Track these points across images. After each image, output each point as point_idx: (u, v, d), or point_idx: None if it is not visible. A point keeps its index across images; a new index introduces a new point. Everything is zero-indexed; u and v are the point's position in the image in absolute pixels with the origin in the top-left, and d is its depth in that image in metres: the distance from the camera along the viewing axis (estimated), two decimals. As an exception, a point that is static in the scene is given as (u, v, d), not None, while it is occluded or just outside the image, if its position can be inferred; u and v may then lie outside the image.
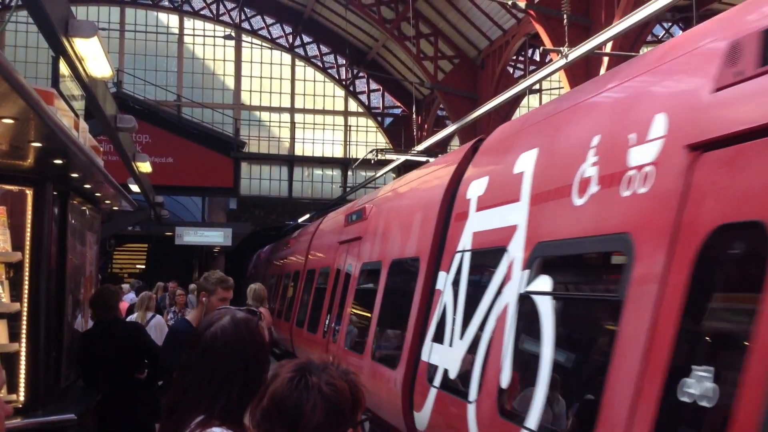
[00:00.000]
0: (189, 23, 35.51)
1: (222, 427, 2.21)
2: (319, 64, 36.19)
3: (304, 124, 35.69)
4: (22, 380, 5.89)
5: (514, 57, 25.74)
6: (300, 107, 35.81)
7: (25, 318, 5.95)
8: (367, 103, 36.45)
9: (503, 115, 22.82)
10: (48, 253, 6.18)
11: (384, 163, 20.78)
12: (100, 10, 34.10)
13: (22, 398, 5.88)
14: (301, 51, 36.05)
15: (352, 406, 1.84)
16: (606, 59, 16.23)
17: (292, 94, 35.84)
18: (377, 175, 21.37)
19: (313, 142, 35.58)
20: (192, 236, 25.71)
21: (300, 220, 26.51)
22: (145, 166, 13.60)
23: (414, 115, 29.43)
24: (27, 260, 6.01)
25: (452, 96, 26.82)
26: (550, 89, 27.42)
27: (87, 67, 6.71)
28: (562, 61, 10.52)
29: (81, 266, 7.63)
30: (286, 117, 35.55)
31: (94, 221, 8.57)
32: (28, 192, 6.10)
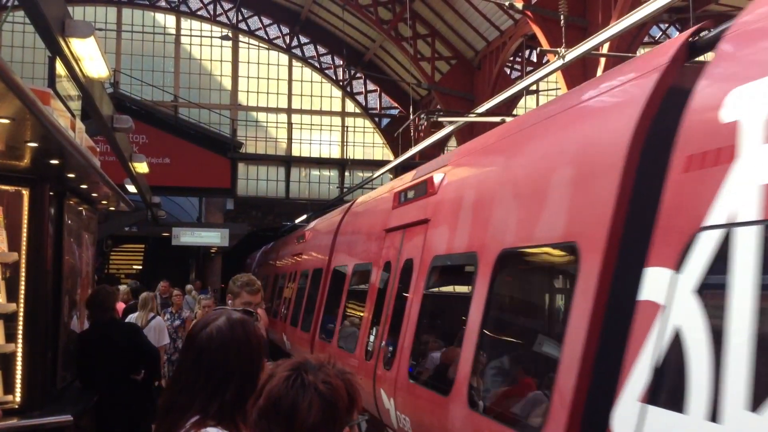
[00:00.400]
0: (186, 24, 35.49)
1: (218, 427, 2.21)
2: (316, 64, 36.19)
3: (301, 124, 35.68)
4: (19, 381, 5.89)
5: (511, 58, 25.75)
6: (297, 108, 35.80)
7: (22, 318, 5.94)
8: (365, 104, 36.45)
9: (500, 115, 22.83)
10: (44, 253, 6.17)
11: (381, 164, 20.76)
12: (96, 11, 34.06)
13: (19, 399, 5.87)
14: (298, 52, 36.05)
15: (348, 405, 1.84)
16: (603, 60, 16.26)
17: (289, 95, 35.82)
18: (375, 175, 21.36)
19: (311, 143, 35.57)
20: (189, 237, 25.69)
21: (297, 220, 26.48)
22: (142, 167, 13.58)
23: (411, 116, 29.39)
24: (23, 261, 6.00)
25: (449, 97, 26.83)
26: (547, 90, 27.45)
27: (83, 67, 6.70)
28: (559, 62, 10.53)
29: (77, 267, 7.62)
30: (283, 118, 35.53)
31: (91, 222, 8.56)
32: (25, 192, 6.09)
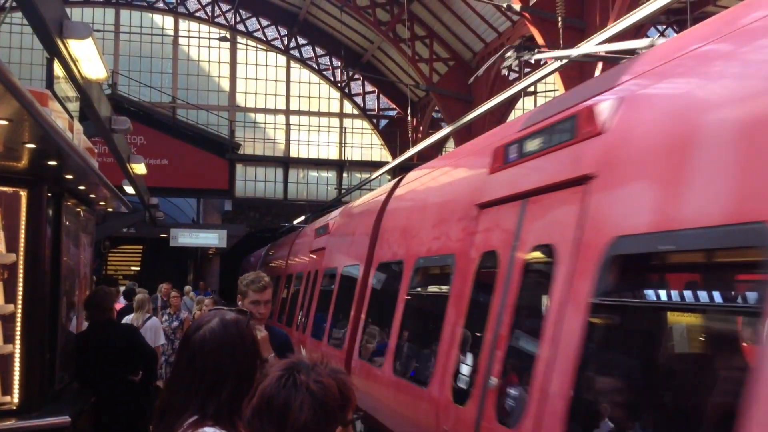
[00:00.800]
0: (184, 25, 35.48)
1: (215, 427, 2.22)
2: (314, 66, 36.19)
3: (299, 125, 35.68)
4: (17, 382, 5.89)
5: (509, 59, 25.75)
6: (295, 109, 35.79)
7: (20, 320, 5.94)
8: (362, 105, 36.46)
9: (498, 117, 22.86)
10: (42, 254, 6.17)
11: (379, 165, 20.76)
12: (94, 12, 34.06)
13: (17, 400, 5.87)
14: (296, 53, 36.05)
15: (341, 404, 1.85)
16: (600, 62, 16.27)
17: (287, 96, 35.82)
18: (372, 176, 21.36)
19: (308, 144, 35.57)
20: (187, 238, 25.68)
21: (295, 222, 26.48)
22: (140, 168, 13.57)
23: (409, 117, 29.44)
24: (21, 262, 6.00)
25: (447, 98, 26.85)
26: (545, 91, 27.48)
27: (81, 68, 6.70)
28: (557, 64, 10.53)
29: (75, 268, 7.62)
30: (281, 119, 35.53)
31: (89, 223, 8.56)
32: (23, 193, 6.09)
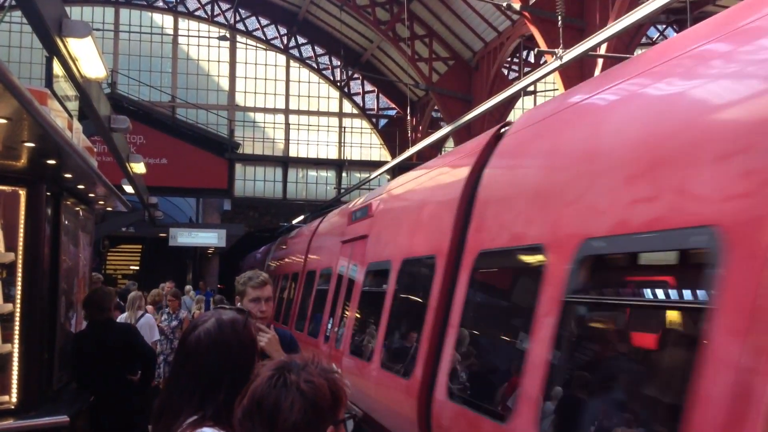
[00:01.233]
0: (183, 24, 35.46)
1: (214, 428, 2.21)
2: (314, 65, 36.18)
3: (299, 125, 35.67)
4: (15, 381, 5.88)
5: (509, 59, 25.78)
6: (294, 108, 35.78)
7: (18, 319, 5.94)
8: (362, 105, 36.45)
9: (498, 116, 22.86)
10: (41, 253, 6.16)
11: (378, 164, 20.76)
12: (94, 11, 34.03)
13: (15, 399, 5.86)
14: (295, 52, 36.04)
15: (331, 404, 1.85)
16: (601, 61, 16.28)
17: (287, 96, 35.81)
18: (372, 176, 21.35)
19: (308, 144, 35.56)
20: (186, 237, 25.65)
21: (294, 221, 26.47)
22: (139, 167, 13.54)
23: (408, 117, 29.43)
24: (20, 261, 6.00)
25: (447, 98, 26.84)
26: (545, 91, 27.48)
27: (81, 67, 6.67)
28: (557, 63, 10.53)
29: (74, 267, 7.61)
30: (281, 118, 35.52)
31: (88, 222, 8.55)
32: (21, 192, 6.09)
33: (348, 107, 36.38)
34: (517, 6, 18.68)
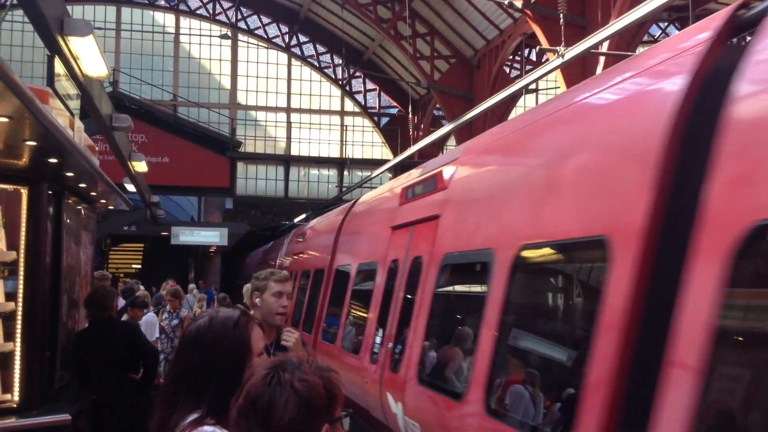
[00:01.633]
0: (185, 22, 35.47)
1: (215, 426, 2.21)
2: (316, 63, 36.18)
3: (300, 123, 35.67)
4: (17, 380, 5.88)
5: (511, 57, 25.75)
6: (296, 107, 35.79)
7: (20, 318, 5.94)
8: (364, 103, 36.44)
9: (499, 115, 22.84)
10: (43, 252, 6.17)
11: (380, 163, 20.74)
12: (96, 9, 34.04)
13: (17, 398, 5.87)
14: (297, 50, 36.03)
15: (327, 402, 1.86)
16: (602, 59, 16.26)
17: (288, 94, 35.82)
18: (373, 174, 21.35)
19: (309, 142, 35.56)
20: (188, 236, 25.68)
21: (296, 219, 26.48)
22: (141, 166, 13.54)
23: (410, 115, 29.42)
24: (22, 260, 6.00)
25: (448, 96, 26.83)
26: (547, 89, 27.44)
27: (82, 66, 6.68)
28: (559, 61, 10.52)
29: (76, 266, 7.61)
30: (282, 117, 35.53)
31: (90, 221, 8.55)
32: (23, 191, 6.09)
33: (350, 105, 36.38)
34: (519, 4, 18.65)
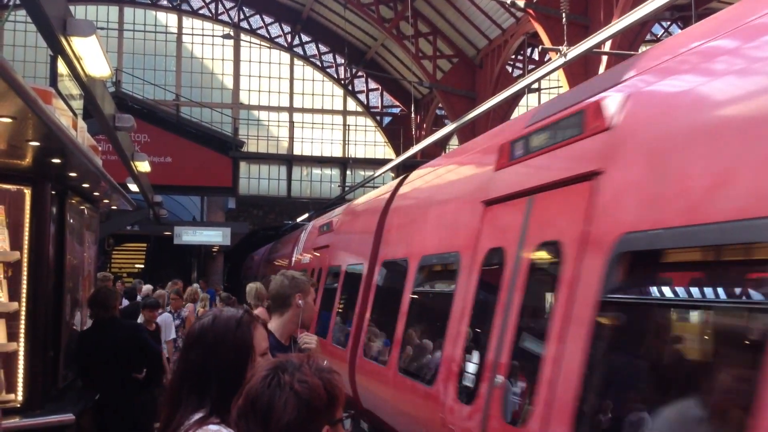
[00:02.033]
0: (188, 22, 35.50)
1: (220, 425, 2.21)
2: (318, 63, 36.18)
3: (303, 123, 35.68)
4: (21, 380, 5.89)
5: (513, 56, 25.74)
6: (299, 106, 35.80)
7: (24, 317, 5.95)
8: (366, 103, 36.44)
9: (502, 114, 22.83)
10: (46, 252, 6.17)
11: (382, 162, 20.74)
12: (98, 10, 34.07)
13: (21, 398, 5.87)
14: (299, 50, 36.04)
15: (327, 404, 1.86)
16: (605, 58, 16.24)
17: (291, 94, 35.83)
18: (376, 174, 21.35)
19: (312, 142, 35.57)
20: (191, 236, 25.70)
21: (299, 219, 26.50)
22: (144, 166, 13.56)
23: (413, 115, 29.42)
24: (25, 259, 6.01)
25: (451, 95, 26.82)
26: (549, 88, 27.41)
27: (85, 66, 6.69)
28: (561, 60, 10.52)
29: (79, 265, 7.62)
30: (285, 116, 35.54)
31: (93, 220, 8.56)
32: (26, 191, 6.10)
33: (352, 105, 36.38)
34: (522, 3, 18.65)
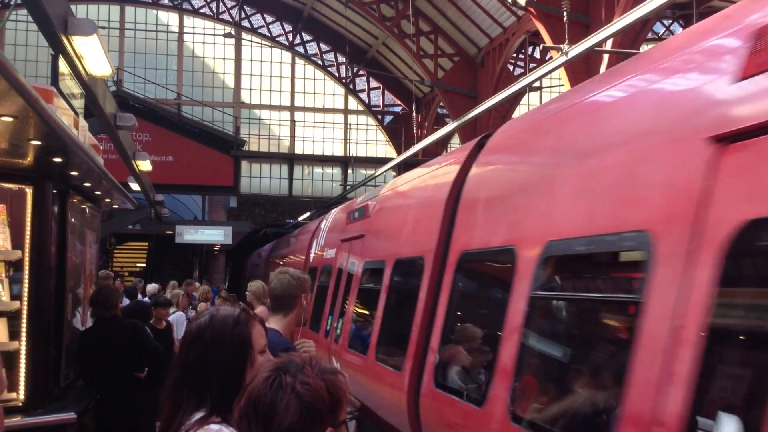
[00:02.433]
0: (189, 21, 35.50)
1: (222, 424, 2.21)
2: (319, 62, 36.17)
3: (304, 122, 35.68)
4: (22, 379, 5.89)
5: (514, 55, 25.73)
6: (300, 105, 35.78)
7: (25, 316, 5.95)
8: (367, 101, 36.43)
9: (503, 113, 22.82)
10: (48, 251, 6.18)
11: (384, 161, 20.74)
12: (99, 9, 34.07)
13: (22, 397, 5.88)
14: (300, 49, 36.03)
15: (330, 406, 1.84)
16: (606, 56, 16.23)
17: (292, 93, 35.82)
18: (378, 172, 21.35)
19: (313, 141, 35.57)
20: (192, 235, 25.72)
21: (300, 218, 26.49)
22: (145, 165, 13.57)
23: (414, 113, 29.41)
24: (27, 258, 6.01)
25: (452, 94, 26.81)
26: (551, 87, 27.41)
27: (86, 65, 6.69)
28: (562, 59, 10.52)
29: (81, 265, 7.62)
30: (286, 115, 35.54)
31: (94, 220, 8.56)
32: (28, 190, 6.10)
33: (353, 104, 36.36)
34: (523, 2, 18.63)
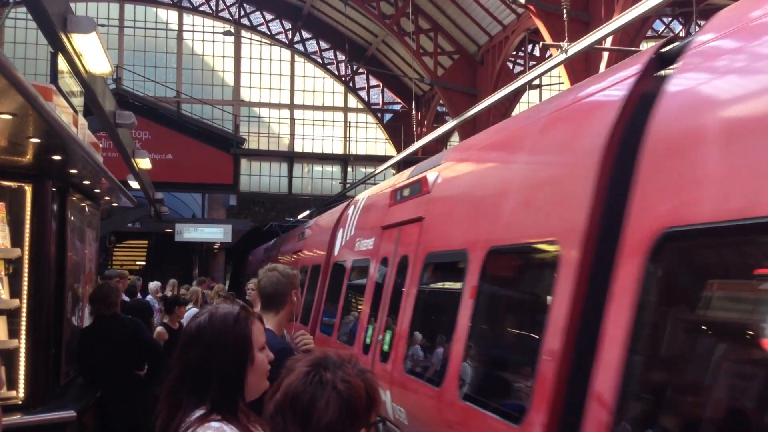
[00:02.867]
0: (188, 19, 35.47)
1: (222, 422, 2.20)
2: (319, 60, 36.15)
3: (304, 120, 35.67)
4: (22, 377, 5.89)
5: (514, 52, 25.71)
6: (299, 103, 35.77)
7: (25, 314, 5.95)
8: (367, 99, 36.41)
9: (503, 111, 22.81)
10: (47, 249, 6.17)
11: (384, 159, 20.74)
12: (99, 6, 34.03)
13: (22, 395, 5.88)
14: (300, 47, 36.01)
15: (366, 405, 1.81)
16: (606, 54, 16.22)
17: (292, 91, 35.81)
18: (377, 171, 21.34)
19: (313, 139, 35.56)
20: (192, 233, 25.71)
21: (300, 216, 26.49)
22: (145, 163, 13.56)
23: (414, 111, 29.40)
24: (26, 256, 6.01)
25: (452, 92, 26.80)
26: (550, 84, 27.40)
27: (86, 63, 6.68)
28: (562, 56, 10.49)
29: (80, 263, 7.62)
30: (286, 113, 35.53)
31: (94, 217, 8.56)
32: (27, 188, 6.09)
33: (353, 102, 36.35)
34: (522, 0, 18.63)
